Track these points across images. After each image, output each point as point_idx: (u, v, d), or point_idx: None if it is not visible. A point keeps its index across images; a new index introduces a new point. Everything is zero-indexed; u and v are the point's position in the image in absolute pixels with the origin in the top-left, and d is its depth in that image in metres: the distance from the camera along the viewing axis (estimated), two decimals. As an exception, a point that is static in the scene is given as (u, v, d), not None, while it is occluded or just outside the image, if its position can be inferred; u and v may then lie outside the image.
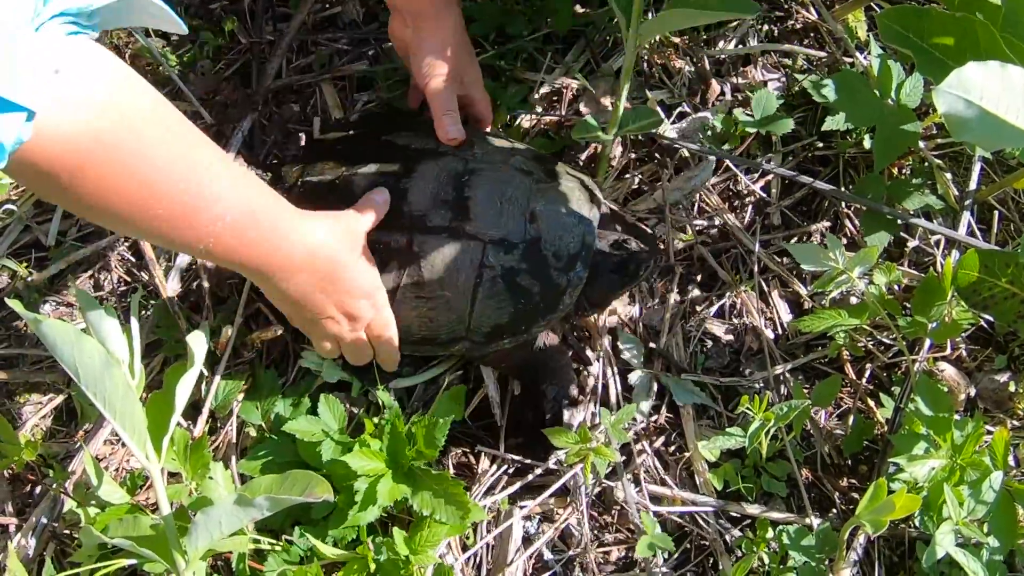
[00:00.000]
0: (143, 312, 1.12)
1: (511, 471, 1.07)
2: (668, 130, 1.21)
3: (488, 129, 1.19)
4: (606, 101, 1.22)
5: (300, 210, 0.95)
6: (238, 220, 0.85)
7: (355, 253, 1.01)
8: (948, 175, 1.20)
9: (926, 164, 1.20)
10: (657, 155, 1.21)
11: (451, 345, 1.07)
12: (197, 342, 0.87)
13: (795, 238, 1.18)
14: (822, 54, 1.26)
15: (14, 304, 0.80)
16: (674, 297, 1.15)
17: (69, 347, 0.78)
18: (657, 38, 1.26)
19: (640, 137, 1.21)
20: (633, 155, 1.21)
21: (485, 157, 1.09)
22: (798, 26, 1.30)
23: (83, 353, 0.78)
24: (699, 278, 1.17)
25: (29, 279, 1.15)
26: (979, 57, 0.86)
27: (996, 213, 1.20)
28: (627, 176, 1.21)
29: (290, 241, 0.92)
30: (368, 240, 1.03)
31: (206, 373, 1.07)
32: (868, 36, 1.26)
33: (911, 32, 0.90)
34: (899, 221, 1.13)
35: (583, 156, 1.22)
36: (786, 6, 1.29)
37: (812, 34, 1.29)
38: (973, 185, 1.18)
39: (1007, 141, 0.75)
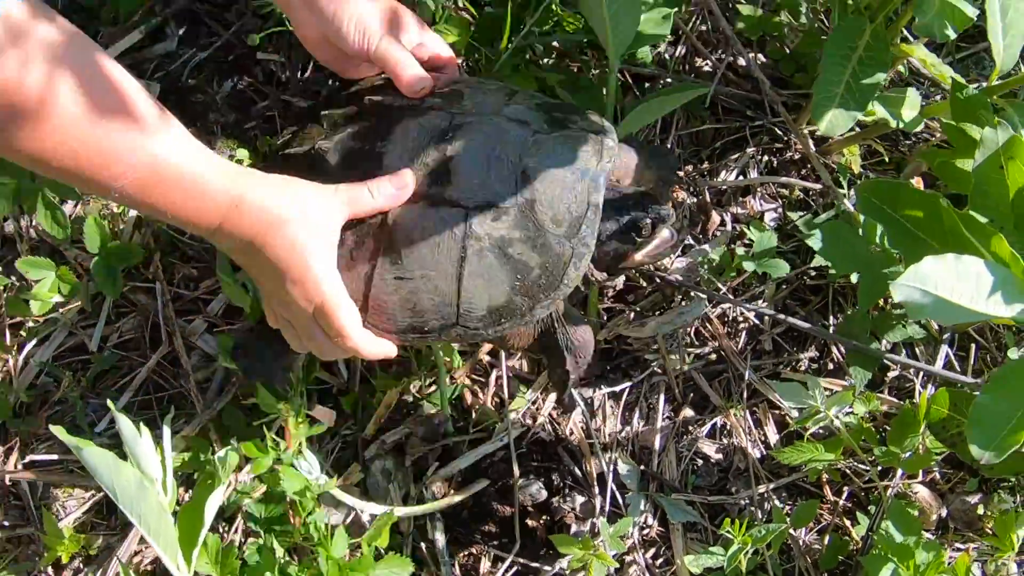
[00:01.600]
0: (177, 420, 1.29)
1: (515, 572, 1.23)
2: (670, 260, 1.39)
3: (456, 66, 1.15)
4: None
5: (237, 171, 0.97)
6: (137, 182, 0.88)
7: (283, 233, 0.97)
8: (930, 308, 1.38)
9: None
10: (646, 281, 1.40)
11: (442, 333, 1.02)
12: (226, 460, 1.05)
13: (785, 364, 1.35)
14: (817, 186, 1.44)
15: (57, 431, 0.96)
16: (666, 416, 1.32)
17: (107, 471, 0.95)
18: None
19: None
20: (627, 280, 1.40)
21: (476, 108, 1.03)
22: (796, 157, 1.48)
23: (120, 476, 0.95)
24: (692, 398, 1.34)
25: (73, 385, 1.33)
26: (943, 233, 1.03)
27: (974, 344, 1.37)
28: (624, 308, 1.38)
29: (206, 203, 0.94)
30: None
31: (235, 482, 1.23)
32: (861, 171, 1.44)
33: (886, 204, 1.08)
34: (880, 359, 1.30)
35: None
36: (785, 138, 1.47)
37: (809, 165, 1.47)
38: (952, 320, 1.36)
39: (962, 320, 0.91)
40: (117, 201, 0.98)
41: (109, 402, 1.04)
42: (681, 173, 1.25)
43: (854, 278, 1.37)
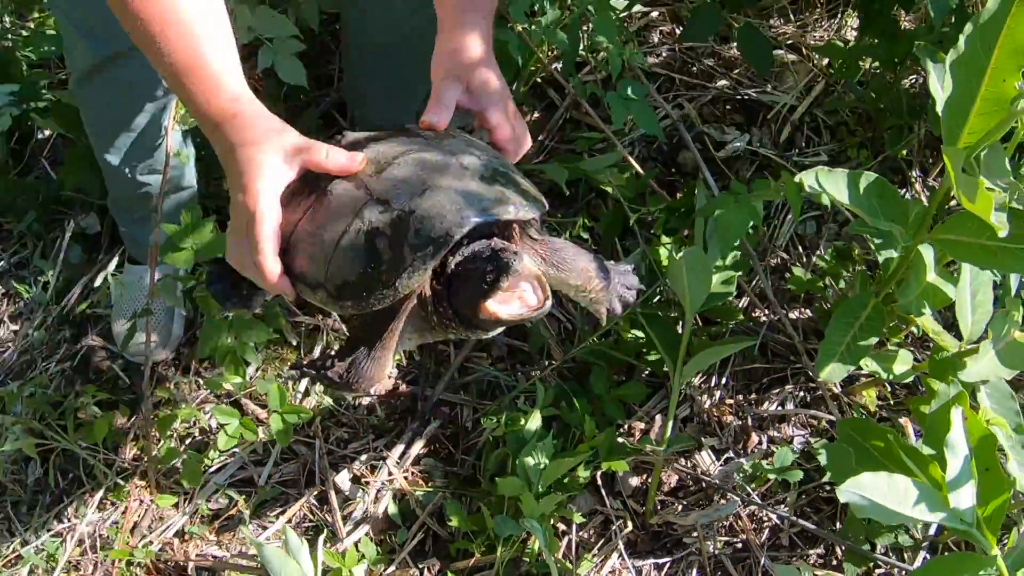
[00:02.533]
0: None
1: None
2: (713, 468, 1.99)
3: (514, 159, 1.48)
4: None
5: (244, 97, 1.35)
6: (178, 65, 1.31)
7: (250, 150, 1.32)
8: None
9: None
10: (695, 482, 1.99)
11: (316, 291, 1.30)
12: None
13: (798, 557, 1.92)
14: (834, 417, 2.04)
15: (245, 530, 1.59)
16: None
17: (278, 564, 1.56)
18: (717, 395, 2.06)
19: (688, 473, 1.99)
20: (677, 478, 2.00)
21: (448, 145, 1.36)
22: (827, 395, 2.07)
23: (287, 568, 1.56)
24: (720, 577, 1.92)
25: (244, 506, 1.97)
26: (897, 459, 1.61)
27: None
28: (674, 501, 1.98)
29: (212, 104, 1.33)
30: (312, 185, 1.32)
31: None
32: (876, 409, 2.04)
33: (857, 435, 1.66)
34: (871, 559, 1.86)
35: (633, 481, 1.99)
36: (813, 384, 2.07)
37: (836, 401, 2.06)
38: (932, 531, 1.91)
39: (892, 519, 1.47)
40: (166, 70, 1.36)
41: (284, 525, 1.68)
42: (632, 298, 1.52)
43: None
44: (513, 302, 1.23)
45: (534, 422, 1.90)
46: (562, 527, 1.94)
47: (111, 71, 1.83)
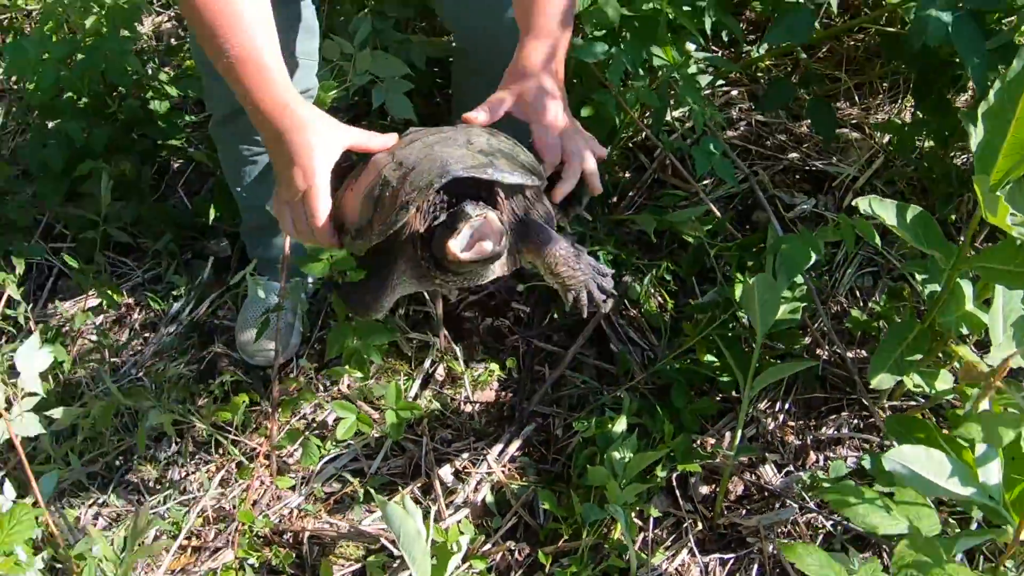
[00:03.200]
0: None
1: None
2: (775, 479, 2.44)
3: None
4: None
5: (294, 90, 1.78)
6: (243, 58, 1.74)
7: (305, 135, 1.73)
8: None
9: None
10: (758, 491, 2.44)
11: (346, 236, 1.78)
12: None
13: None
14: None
15: (357, 508, 2.06)
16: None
17: (398, 521, 2.01)
18: (780, 419, 2.53)
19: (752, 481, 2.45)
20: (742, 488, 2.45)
21: (472, 131, 1.82)
22: (879, 422, 2.53)
23: (405, 525, 2.02)
24: (776, 574, 2.35)
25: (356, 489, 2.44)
26: (938, 445, 2.07)
27: None
28: (739, 507, 2.44)
29: (268, 94, 1.74)
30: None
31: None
32: (925, 444, 2.49)
33: (904, 431, 2.11)
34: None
35: (704, 488, 2.45)
36: (866, 413, 2.54)
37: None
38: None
39: (929, 490, 1.91)
40: (224, 67, 1.77)
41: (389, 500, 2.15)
42: (601, 297, 1.83)
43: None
44: (473, 248, 1.61)
45: (620, 425, 2.35)
46: (639, 523, 2.40)
47: (245, 116, 2.17)
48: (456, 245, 1.61)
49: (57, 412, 2.08)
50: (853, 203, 2.06)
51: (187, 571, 2.36)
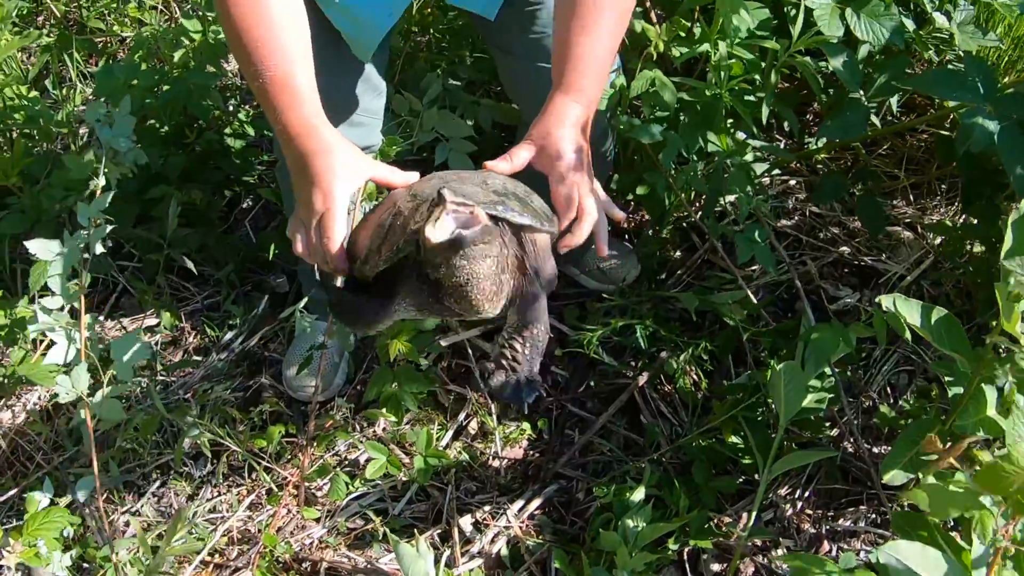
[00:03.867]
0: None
1: None
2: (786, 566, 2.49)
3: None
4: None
5: (322, 114, 1.84)
6: (276, 79, 1.80)
7: (329, 158, 1.78)
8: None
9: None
10: None
11: (355, 262, 1.80)
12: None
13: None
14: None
15: (376, 546, 2.16)
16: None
17: (409, 560, 2.09)
18: (798, 506, 2.58)
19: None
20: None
21: (491, 175, 1.85)
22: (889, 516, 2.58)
23: (415, 566, 2.10)
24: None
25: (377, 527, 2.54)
26: (937, 545, 2.12)
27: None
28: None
29: (297, 115, 1.80)
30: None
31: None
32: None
33: (909, 527, 2.17)
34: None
35: (715, 567, 2.51)
36: (883, 509, 2.58)
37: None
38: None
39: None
40: (258, 87, 1.84)
41: (413, 542, 2.24)
42: (516, 381, 1.83)
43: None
44: (448, 228, 1.56)
45: (638, 494, 2.41)
46: (647, 593, 2.46)
47: None
48: (430, 228, 1.55)
49: (106, 406, 2.13)
50: (877, 300, 2.12)
51: (205, 584, 2.46)
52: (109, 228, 2.06)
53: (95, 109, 2.28)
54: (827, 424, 2.64)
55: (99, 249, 2.10)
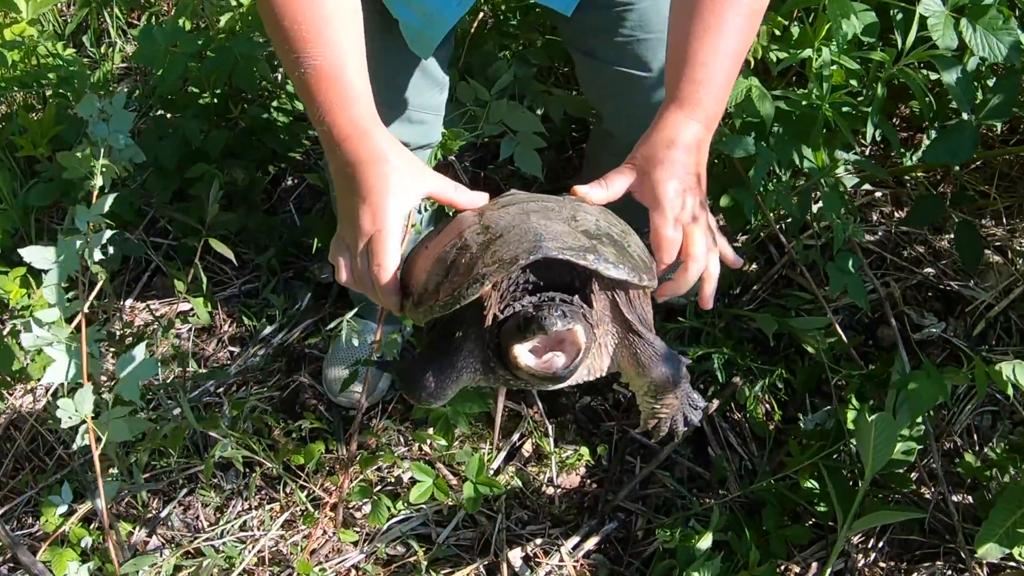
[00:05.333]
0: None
1: None
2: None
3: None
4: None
5: (376, 116, 1.54)
6: (323, 70, 1.52)
7: (383, 168, 1.49)
8: None
9: None
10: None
11: (408, 299, 1.52)
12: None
13: None
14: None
15: None
16: None
17: None
18: (872, 556, 2.42)
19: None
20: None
21: (579, 206, 1.55)
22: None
23: None
24: None
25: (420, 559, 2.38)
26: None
27: None
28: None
29: (347, 115, 1.51)
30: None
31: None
32: None
33: None
34: None
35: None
36: (961, 566, 2.42)
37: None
38: None
39: None
40: (298, 79, 1.56)
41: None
42: (696, 418, 1.63)
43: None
44: (542, 358, 1.38)
45: (705, 542, 2.25)
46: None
47: None
48: (522, 351, 1.38)
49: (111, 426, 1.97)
50: (998, 367, 1.95)
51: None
52: (110, 233, 1.85)
53: (89, 103, 2.07)
54: (912, 475, 2.47)
55: (98, 256, 1.91)
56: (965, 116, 2.35)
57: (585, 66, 2.31)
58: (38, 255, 1.84)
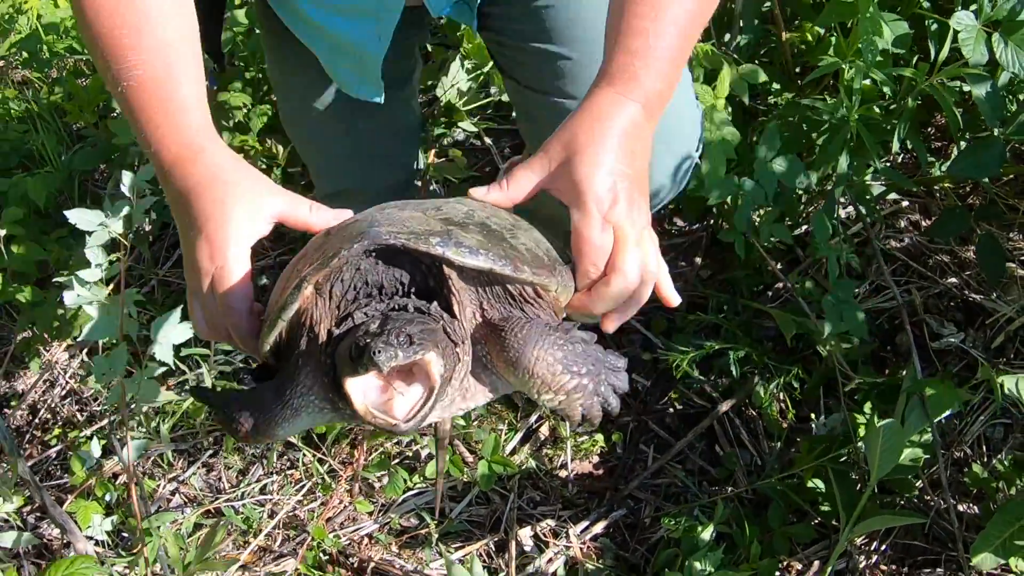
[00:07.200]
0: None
1: None
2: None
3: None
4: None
5: (212, 128, 1.31)
6: (146, 82, 1.28)
7: (217, 192, 1.25)
8: None
9: None
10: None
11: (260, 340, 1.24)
12: None
13: None
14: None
15: (427, 551, 2.09)
16: None
17: None
18: (874, 559, 2.50)
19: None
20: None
21: (463, 202, 1.31)
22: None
23: None
24: None
25: None
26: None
27: None
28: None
29: (175, 131, 1.29)
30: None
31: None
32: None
33: None
34: None
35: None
36: (961, 574, 2.49)
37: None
38: None
39: None
40: (120, 98, 1.33)
41: None
42: (615, 403, 1.24)
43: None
44: (382, 396, 1.10)
45: (708, 533, 2.34)
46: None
47: (339, 201, 1.97)
48: (355, 387, 1.09)
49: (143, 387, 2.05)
50: (1000, 380, 2.02)
51: (247, 568, 2.42)
52: (153, 199, 1.94)
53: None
54: (916, 481, 2.54)
55: (147, 226, 1.99)
56: (995, 132, 2.40)
57: (508, 87, 2.15)
58: (83, 217, 1.93)
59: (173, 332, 1.93)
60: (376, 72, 1.94)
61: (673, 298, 1.38)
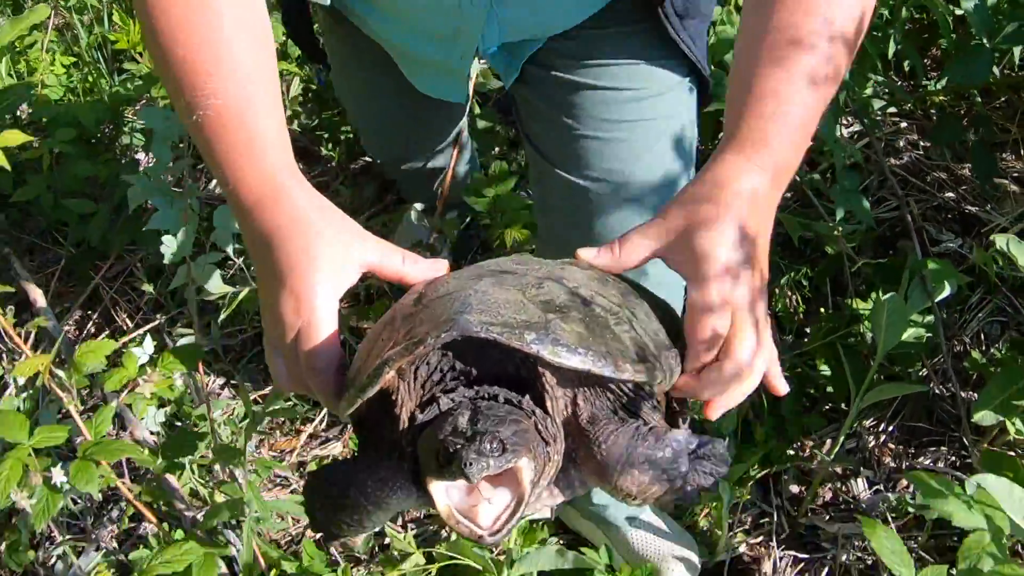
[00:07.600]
0: None
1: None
2: (864, 495, 2.58)
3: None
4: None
5: (295, 167, 1.19)
6: (223, 113, 1.16)
7: (304, 240, 1.13)
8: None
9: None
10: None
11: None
12: None
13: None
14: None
15: None
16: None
17: None
18: (882, 439, 2.66)
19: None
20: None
21: (571, 273, 1.17)
22: (976, 463, 2.65)
23: None
24: None
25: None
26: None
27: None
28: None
29: (256, 169, 1.16)
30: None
31: None
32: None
33: (996, 465, 2.24)
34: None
35: (794, 487, 2.60)
36: (964, 452, 2.66)
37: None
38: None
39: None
40: (194, 127, 1.21)
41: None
42: (709, 484, 1.10)
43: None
44: (467, 498, 1.00)
45: (728, 424, 2.52)
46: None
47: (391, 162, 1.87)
48: (439, 491, 1.00)
49: (207, 272, 2.16)
50: (991, 238, 2.18)
51: (295, 451, 2.59)
52: None
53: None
54: (919, 363, 2.71)
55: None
56: (983, 41, 2.59)
57: (529, 159, 2.03)
58: (156, 116, 2.09)
59: (232, 221, 2.06)
60: (463, 81, 1.91)
61: (782, 387, 1.30)
